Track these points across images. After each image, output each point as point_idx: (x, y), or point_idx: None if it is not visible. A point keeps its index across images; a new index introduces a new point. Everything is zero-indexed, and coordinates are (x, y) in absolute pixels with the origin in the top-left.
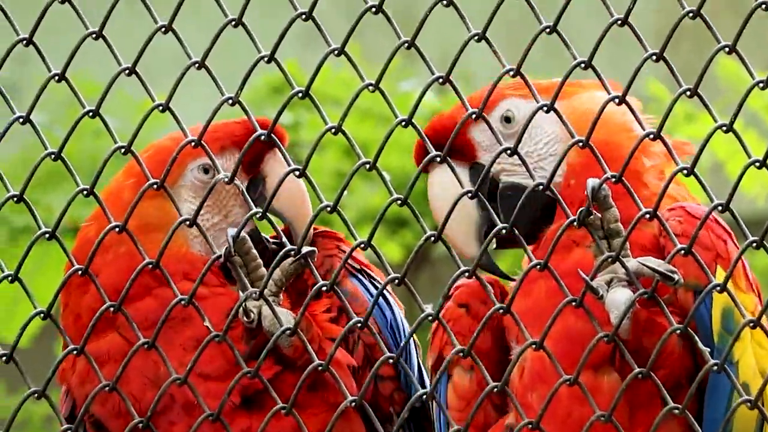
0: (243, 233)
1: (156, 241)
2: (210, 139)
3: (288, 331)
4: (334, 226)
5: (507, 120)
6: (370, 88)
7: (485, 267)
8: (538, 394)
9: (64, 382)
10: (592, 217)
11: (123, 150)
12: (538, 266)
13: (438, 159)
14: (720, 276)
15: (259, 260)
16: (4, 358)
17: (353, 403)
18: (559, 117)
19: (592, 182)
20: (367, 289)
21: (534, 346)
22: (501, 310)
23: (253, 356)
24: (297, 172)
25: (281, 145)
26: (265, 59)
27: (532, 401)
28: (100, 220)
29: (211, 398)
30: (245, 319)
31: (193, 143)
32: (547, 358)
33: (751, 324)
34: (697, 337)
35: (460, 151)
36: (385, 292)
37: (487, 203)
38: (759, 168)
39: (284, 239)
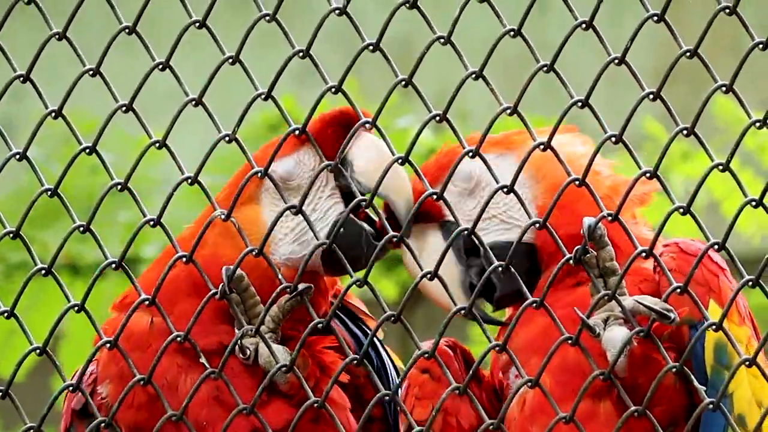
0: (240, 271)
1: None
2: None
3: (284, 368)
4: None
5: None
6: (368, 125)
7: (475, 317)
8: (539, 427)
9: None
10: (588, 255)
11: (119, 186)
12: (534, 304)
13: (435, 196)
14: (713, 310)
15: (257, 297)
16: (0, 393)
17: None
18: (556, 155)
19: (588, 221)
20: (349, 329)
21: (530, 384)
22: (497, 348)
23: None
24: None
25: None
26: (262, 96)
27: (533, 431)
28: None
29: None
30: (242, 356)
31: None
32: (541, 410)
33: (747, 363)
34: (693, 376)
35: (428, 212)
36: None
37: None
38: (755, 207)
39: (385, 224)
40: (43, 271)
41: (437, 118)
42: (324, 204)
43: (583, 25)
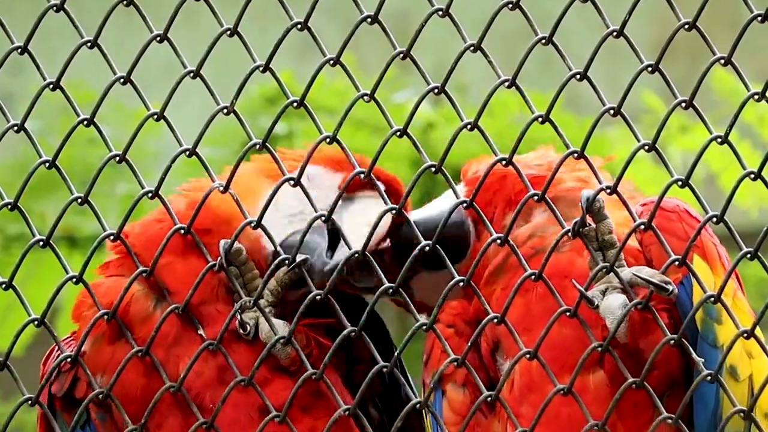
0: (238, 244)
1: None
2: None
3: (282, 340)
4: None
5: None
6: (366, 98)
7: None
8: (530, 405)
9: (79, 321)
10: (586, 228)
11: (118, 158)
12: (533, 276)
13: (433, 169)
14: (698, 265)
15: (256, 271)
16: None
17: (347, 412)
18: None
19: (586, 193)
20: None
21: (528, 356)
22: (495, 320)
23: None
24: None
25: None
26: (261, 69)
27: (523, 412)
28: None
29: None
30: (242, 330)
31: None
32: (534, 371)
33: (745, 335)
34: (690, 348)
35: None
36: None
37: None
38: (753, 180)
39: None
40: (41, 243)
41: (435, 90)
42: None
43: None
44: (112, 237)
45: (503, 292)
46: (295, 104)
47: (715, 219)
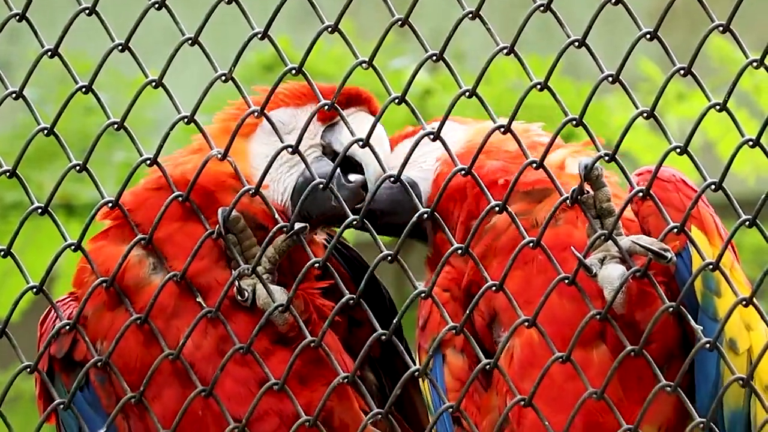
0: (236, 212)
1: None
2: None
3: (281, 307)
4: None
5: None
6: (364, 65)
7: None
8: (531, 380)
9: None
10: (585, 195)
11: (116, 126)
12: (531, 244)
13: (431, 136)
14: (695, 235)
15: (254, 239)
16: None
17: (346, 380)
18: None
19: (584, 161)
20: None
21: (527, 323)
22: (494, 287)
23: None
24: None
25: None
26: (259, 36)
27: (526, 387)
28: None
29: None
30: (240, 297)
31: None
32: (535, 344)
33: (744, 303)
34: (689, 316)
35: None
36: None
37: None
38: (752, 147)
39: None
40: (40, 210)
41: (434, 57)
42: (310, 154)
43: None
44: (110, 204)
45: (500, 265)
46: (293, 71)
47: (713, 186)
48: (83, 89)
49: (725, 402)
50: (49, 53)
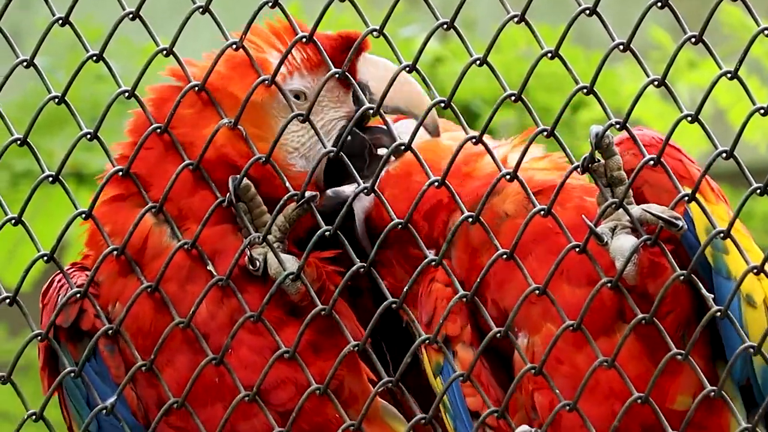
0: (246, 180)
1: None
2: (302, 59)
3: (292, 276)
4: None
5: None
6: (374, 33)
7: None
8: (556, 374)
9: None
10: (595, 164)
11: (126, 94)
12: (542, 212)
13: (442, 105)
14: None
15: (264, 207)
16: (7, 300)
17: (356, 347)
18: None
19: (595, 129)
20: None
21: (537, 291)
22: (504, 256)
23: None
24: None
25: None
26: (269, 4)
27: (558, 385)
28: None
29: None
30: (251, 267)
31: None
32: (560, 341)
33: (755, 271)
34: (700, 284)
35: None
36: None
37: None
38: (763, 115)
39: (393, 132)
40: (51, 179)
41: (444, 26)
42: (330, 116)
43: None
44: (121, 173)
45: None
46: (304, 39)
47: (724, 155)
48: (94, 57)
49: (754, 360)
50: (60, 21)
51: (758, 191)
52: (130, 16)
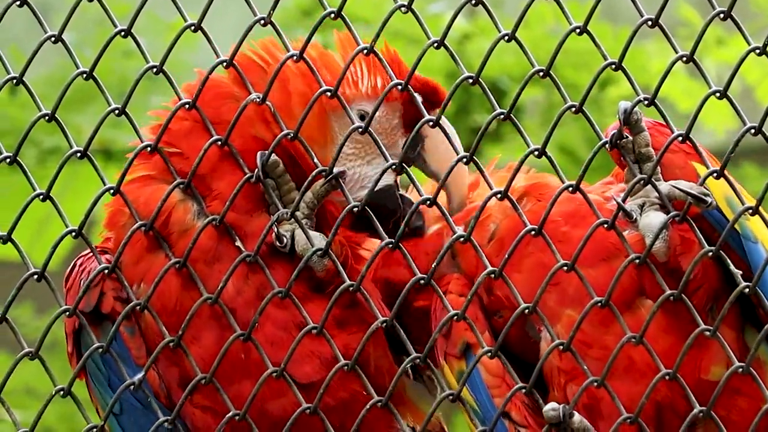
0: (274, 156)
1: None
2: (378, 88)
3: (319, 252)
4: None
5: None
6: (402, 9)
7: None
8: (593, 358)
9: (112, 229)
10: (624, 140)
11: (154, 70)
12: (570, 188)
13: (470, 81)
14: (700, 170)
15: (292, 183)
16: (35, 276)
17: (384, 324)
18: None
19: (624, 105)
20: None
21: (565, 268)
22: (533, 232)
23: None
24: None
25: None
26: (332, 15)
27: (579, 369)
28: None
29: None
30: (278, 243)
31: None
32: (587, 325)
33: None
34: (729, 260)
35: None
36: None
37: None
38: None
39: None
40: (79, 154)
41: (472, 2)
42: (380, 166)
43: None
44: (149, 149)
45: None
46: (332, 15)
47: (752, 131)
48: (122, 33)
49: None
50: None
51: None
52: None
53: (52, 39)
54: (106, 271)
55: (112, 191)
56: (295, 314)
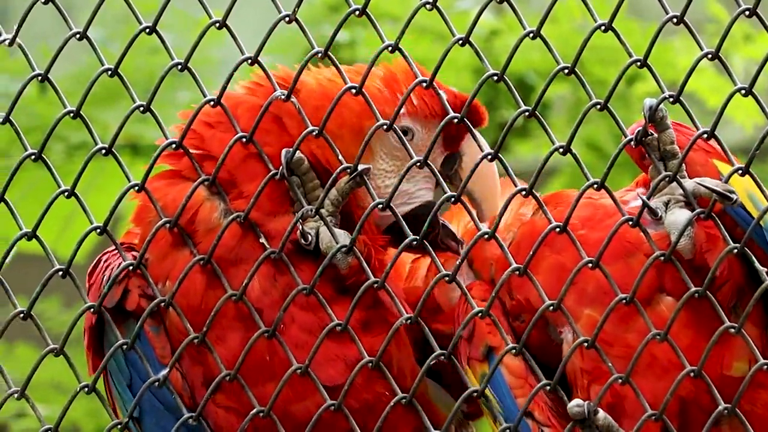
0: (299, 153)
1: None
2: (420, 105)
3: (344, 249)
4: None
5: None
6: (428, 6)
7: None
8: (615, 357)
9: (140, 225)
10: (649, 137)
11: (180, 66)
12: (595, 185)
13: (495, 78)
14: (722, 168)
15: (317, 181)
16: (60, 272)
17: (409, 321)
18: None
19: (648, 102)
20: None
21: (590, 265)
22: (557, 229)
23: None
24: (490, 156)
25: (473, 130)
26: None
27: (602, 367)
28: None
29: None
30: (303, 241)
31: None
32: (609, 327)
33: None
34: (753, 257)
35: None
36: None
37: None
38: None
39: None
40: (104, 151)
41: None
42: (421, 185)
43: None
44: (173, 145)
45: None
46: (357, 12)
47: None
48: (147, 30)
49: None
50: None
51: None
52: None
53: (77, 36)
54: (131, 267)
55: (137, 188)
56: (320, 317)
